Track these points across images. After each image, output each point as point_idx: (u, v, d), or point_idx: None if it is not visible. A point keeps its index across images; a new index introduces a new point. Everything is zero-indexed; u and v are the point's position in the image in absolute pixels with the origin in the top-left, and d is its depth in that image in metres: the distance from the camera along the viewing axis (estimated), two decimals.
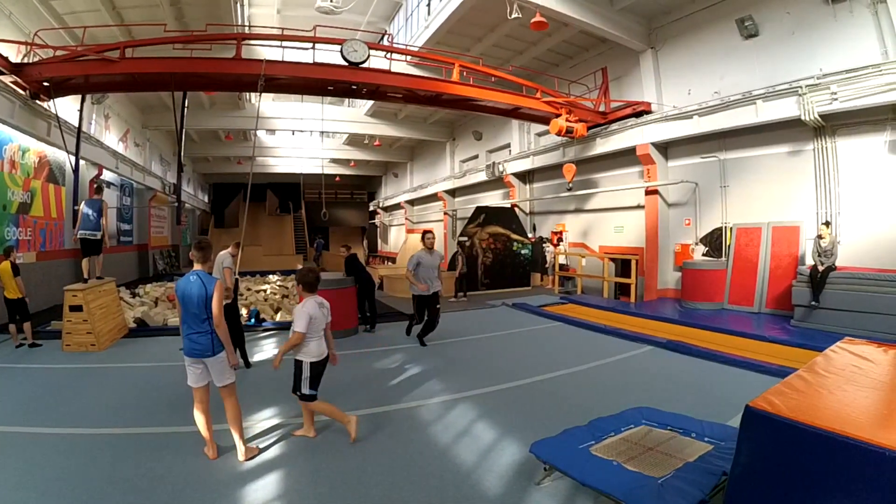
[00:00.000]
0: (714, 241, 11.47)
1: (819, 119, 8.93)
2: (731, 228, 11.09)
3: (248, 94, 18.08)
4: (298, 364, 4.13)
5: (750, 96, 9.98)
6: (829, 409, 2.51)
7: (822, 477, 2.19)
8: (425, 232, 7.85)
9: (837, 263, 8.57)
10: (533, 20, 10.52)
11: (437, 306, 7.80)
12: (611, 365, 6.79)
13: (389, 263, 24.78)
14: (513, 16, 10.72)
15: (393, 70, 11.51)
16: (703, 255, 11.63)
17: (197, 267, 3.92)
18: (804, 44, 9.75)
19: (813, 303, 8.39)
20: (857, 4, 8.92)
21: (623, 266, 13.04)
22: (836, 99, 8.57)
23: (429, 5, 14.48)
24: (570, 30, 13.25)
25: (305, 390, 4.11)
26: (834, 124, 9.21)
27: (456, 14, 12.80)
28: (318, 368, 4.16)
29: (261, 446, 4.06)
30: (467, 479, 3.55)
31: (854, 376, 3.05)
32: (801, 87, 9.00)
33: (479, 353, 7.52)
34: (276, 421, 4.66)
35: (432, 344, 7.99)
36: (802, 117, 9.02)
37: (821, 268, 8.38)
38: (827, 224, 8.78)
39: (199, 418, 3.82)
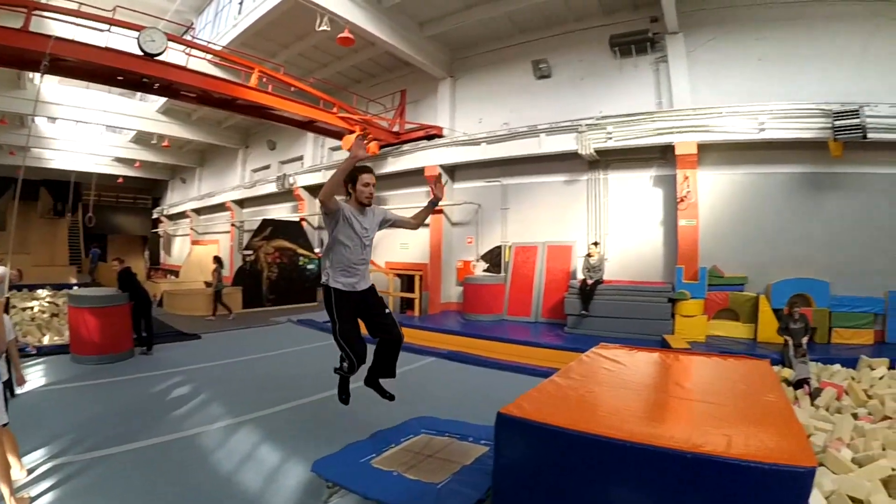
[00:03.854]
0: (494, 258, 12.37)
1: (594, 154, 10.21)
2: (510, 247, 12.07)
3: (30, 73, 14.88)
4: None
5: (535, 129, 11.06)
6: (575, 410, 2.66)
7: (570, 470, 2.29)
8: (358, 169, 3.61)
9: (605, 277, 9.83)
10: (340, 35, 10.37)
11: (387, 310, 4.14)
12: (395, 378, 6.84)
13: (172, 277, 22.16)
14: (321, 28, 10.40)
15: (189, 67, 10.34)
16: (484, 270, 12.43)
17: None
18: (591, 88, 11.19)
19: (583, 312, 9.43)
20: (642, 61, 10.55)
21: (408, 281, 13.29)
22: (611, 138, 9.92)
23: (241, 3, 13.49)
24: (377, 49, 13.35)
25: None
26: (608, 159, 10.62)
27: (266, 17, 12.05)
28: None
29: (31, 494, 3.43)
30: None
31: (604, 378, 3.35)
32: (580, 125, 10.24)
33: (261, 373, 7.08)
34: (45, 459, 3.96)
35: (210, 366, 7.29)
36: (580, 151, 10.23)
37: (590, 282, 9.49)
38: (596, 244, 10.03)
39: None
